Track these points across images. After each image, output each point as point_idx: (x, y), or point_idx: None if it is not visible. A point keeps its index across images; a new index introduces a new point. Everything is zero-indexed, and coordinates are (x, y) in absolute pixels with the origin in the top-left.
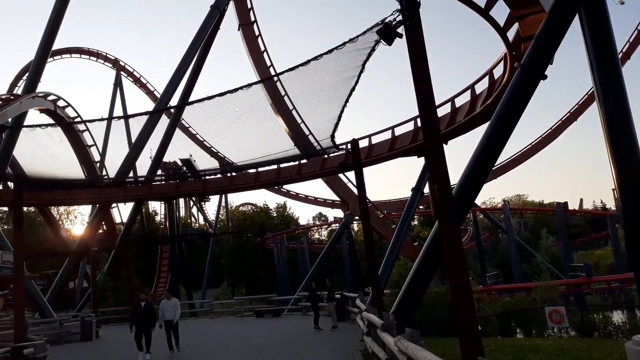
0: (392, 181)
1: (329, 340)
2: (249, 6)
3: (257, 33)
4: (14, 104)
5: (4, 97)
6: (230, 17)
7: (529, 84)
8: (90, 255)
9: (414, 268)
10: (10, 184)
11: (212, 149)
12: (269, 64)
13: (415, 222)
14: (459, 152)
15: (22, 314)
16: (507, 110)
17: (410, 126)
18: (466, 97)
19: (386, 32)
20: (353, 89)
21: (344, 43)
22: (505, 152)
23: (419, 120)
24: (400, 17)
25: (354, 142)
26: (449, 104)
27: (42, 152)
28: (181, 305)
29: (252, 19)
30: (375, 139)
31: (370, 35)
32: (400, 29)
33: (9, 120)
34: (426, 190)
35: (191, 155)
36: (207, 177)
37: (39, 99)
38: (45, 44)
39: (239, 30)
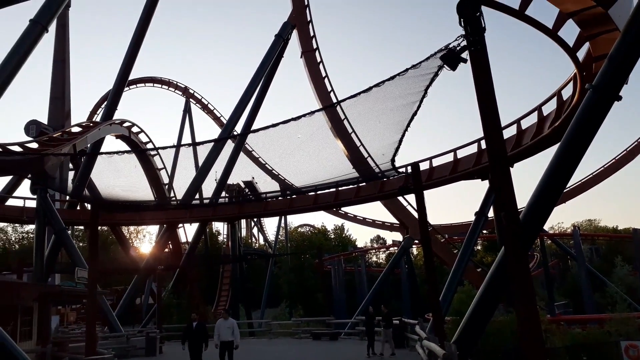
0: (454, 204)
1: None
2: (311, 34)
3: (318, 60)
4: (94, 131)
5: (84, 124)
6: (293, 45)
7: (601, 105)
8: (156, 273)
9: (477, 295)
10: (87, 205)
11: (273, 171)
12: (329, 89)
13: (479, 247)
14: (525, 175)
15: (93, 328)
16: (578, 132)
17: (473, 148)
18: (533, 119)
19: (450, 58)
20: (415, 114)
21: (407, 69)
22: (575, 174)
23: (482, 142)
24: (464, 43)
25: (415, 165)
26: (515, 125)
27: (117, 176)
28: (240, 324)
29: (314, 46)
30: (437, 162)
31: (433, 60)
32: (465, 54)
33: (89, 145)
34: (490, 214)
35: (253, 178)
36: (268, 199)
37: (115, 125)
38: (122, 74)
39: (301, 57)
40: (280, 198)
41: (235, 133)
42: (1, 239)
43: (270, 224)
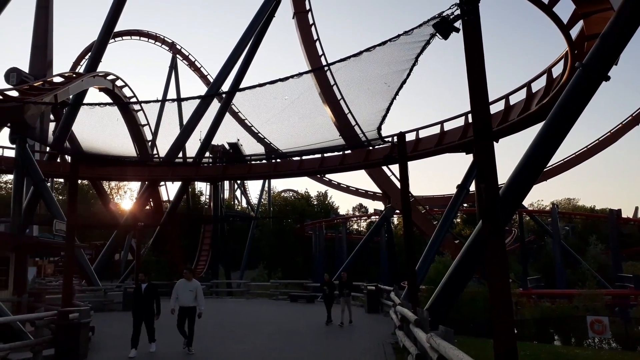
0: (437, 177)
1: (360, 330)
2: None
3: (311, 22)
4: (76, 82)
5: (66, 75)
6: (286, 4)
7: (589, 84)
8: (136, 230)
9: (453, 266)
10: (68, 158)
11: (259, 134)
12: (320, 53)
13: (458, 220)
14: (510, 152)
15: (70, 280)
16: (564, 110)
17: (460, 122)
18: (521, 95)
19: (443, 26)
20: (404, 82)
21: (399, 35)
22: (558, 153)
23: (470, 116)
24: (458, 11)
25: (401, 135)
26: (503, 101)
27: (99, 129)
28: (219, 284)
29: (308, 7)
30: (423, 133)
31: (426, 28)
32: (458, 23)
33: (71, 97)
34: (472, 188)
35: (239, 140)
36: (253, 162)
37: (99, 78)
38: (108, 26)
39: (293, 18)
40: (265, 161)
41: (221, 91)
42: None
43: (254, 188)
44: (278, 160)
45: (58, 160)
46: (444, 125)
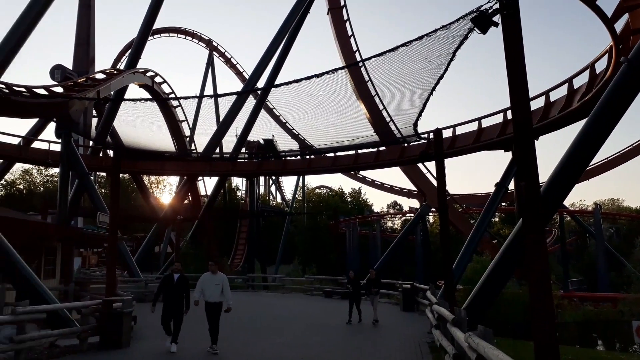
0: (473, 175)
1: (396, 328)
2: None
3: (345, 17)
4: (117, 78)
5: (108, 71)
6: (320, 1)
7: (635, 80)
8: (176, 223)
9: (491, 266)
10: (109, 152)
11: (293, 130)
12: (354, 48)
13: (496, 219)
14: (550, 149)
15: (114, 271)
16: (608, 107)
17: (498, 118)
18: (562, 91)
19: (481, 20)
20: (441, 77)
21: (436, 30)
22: (601, 151)
23: (509, 112)
24: (497, 5)
25: (438, 131)
26: (543, 97)
27: (139, 124)
28: (254, 278)
29: (342, 3)
30: (460, 130)
31: (463, 22)
32: (496, 18)
33: (112, 93)
34: (511, 186)
35: (273, 136)
36: (287, 158)
37: (139, 74)
38: (147, 24)
39: (328, 14)
40: (299, 157)
41: (257, 87)
42: (27, 180)
43: (288, 183)
44: (312, 156)
45: (100, 154)
46: (481, 122)
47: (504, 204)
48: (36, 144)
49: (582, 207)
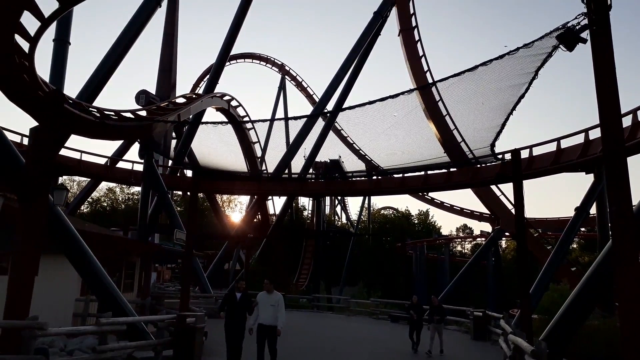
0: (549, 198)
1: (467, 358)
2: (411, 11)
3: (417, 38)
4: (196, 102)
5: (188, 96)
6: (390, 23)
7: None
8: (246, 241)
9: (573, 294)
10: (186, 172)
11: (360, 151)
12: (426, 69)
13: (574, 245)
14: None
15: (188, 286)
16: None
17: (579, 139)
18: None
19: (567, 37)
20: (522, 97)
21: (518, 48)
22: None
23: (591, 132)
24: (585, 21)
25: (515, 152)
26: (630, 116)
27: (215, 146)
28: (319, 299)
29: (413, 24)
30: (537, 151)
31: (547, 40)
32: (585, 34)
33: (191, 116)
34: (592, 210)
35: (340, 157)
36: (354, 179)
37: (216, 98)
38: (225, 50)
39: (399, 35)
40: (366, 178)
41: (326, 110)
42: (110, 198)
43: (354, 204)
44: (379, 177)
45: (178, 174)
46: (560, 143)
47: (583, 229)
48: (121, 164)
49: None
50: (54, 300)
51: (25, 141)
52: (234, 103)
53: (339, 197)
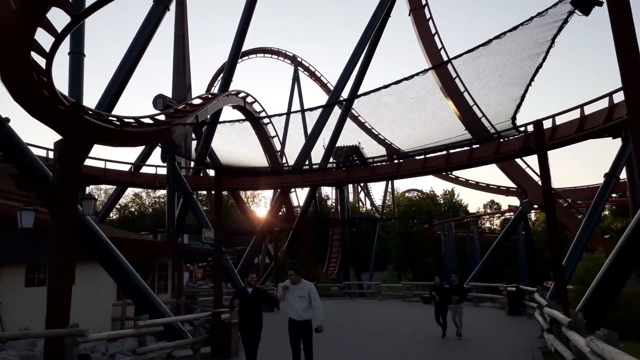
0: (576, 166)
1: (504, 334)
2: None
3: (427, 16)
4: (213, 102)
5: (204, 96)
6: (400, 2)
7: None
8: (273, 235)
9: (607, 262)
10: (209, 171)
11: (379, 136)
12: (439, 46)
13: (606, 212)
14: None
15: (220, 283)
16: None
17: (602, 103)
18: None
19: (583, 1)
20: (540, 66)
21: (531, 18)
22: None
23: (615, 96)
24: None
25: (538, 122)
26: None
27: (235, 144)
28: (350, 285)
29: (423, 2)
30: (560, 119)
31: (562, 6)
32: None
33: (208, 116)
34: (622, 175)
35: (359, 143)
36: (375, 164)
37: (232, 96)
38: (236, 47)
39: (409, 15)
40: (386, 162)
41: (342, 98)
42: (137, 203)
43: (377, 189)
44: (400, 160)
45: (201, 174)
46: (584, 109)
47: (614, 195)
48: (144, 169)
49: None
50: (92, 306)
51: (51, 155)
52: (249, 99)
53: (362, 184)
